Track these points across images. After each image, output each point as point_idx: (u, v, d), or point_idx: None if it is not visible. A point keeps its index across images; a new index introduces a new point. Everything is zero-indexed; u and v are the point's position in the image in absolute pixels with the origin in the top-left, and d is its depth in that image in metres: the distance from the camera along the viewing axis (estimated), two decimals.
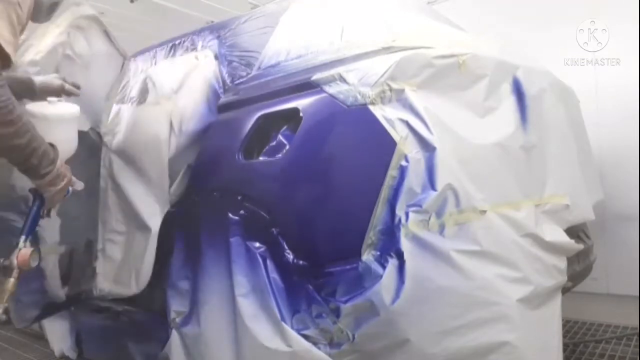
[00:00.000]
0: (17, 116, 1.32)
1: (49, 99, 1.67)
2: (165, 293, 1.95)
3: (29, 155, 1.39)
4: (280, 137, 1.67)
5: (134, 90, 2.40)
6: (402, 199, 1.45)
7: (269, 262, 1.61)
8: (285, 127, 1.68)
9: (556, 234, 1.68)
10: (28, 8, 1.47)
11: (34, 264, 1.48)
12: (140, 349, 2.21)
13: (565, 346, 2.35)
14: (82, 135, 2.13)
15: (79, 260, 2.22)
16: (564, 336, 2.34)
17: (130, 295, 2.11)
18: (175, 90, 2.14)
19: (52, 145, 1.50)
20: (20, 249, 1.48)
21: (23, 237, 1.51)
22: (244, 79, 1.99)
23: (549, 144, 1.78)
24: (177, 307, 1.91)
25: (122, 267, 2.19)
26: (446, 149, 1.47)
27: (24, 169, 1.44)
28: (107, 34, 2.29)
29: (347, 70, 1.58)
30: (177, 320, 1.90)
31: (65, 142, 1.63)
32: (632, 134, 2.83)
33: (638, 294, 2.66)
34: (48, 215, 1.62)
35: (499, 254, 1.48)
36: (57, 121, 1.63)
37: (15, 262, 1.45)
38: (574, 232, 1.89)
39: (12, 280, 1.45)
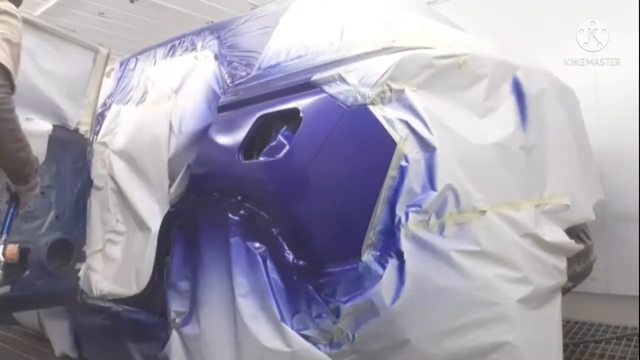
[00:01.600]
0: (23, 133, 1.50)
1: (27, 117, 1.79)
2: (165, 293, 1.95)
3: (24, 165, 1.55)
4: (280, 137, 1.67)
5: (133, 91, 2.41)
6: (402, 199, 1.45)
7: (269, 262, 1.61)
8: (285, 128, 1.68)
9: (556, 234, 1.68)
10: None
11: (17, 257, 1.66)
12: (140, 349, 2.21)
13: (565, 346, 2.35)
14: None
15: (39, 260, 2.12)
16: (564, 336, 2.34)
17: (130, 295, 2.11)
18: (175, 90, 2.14)
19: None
20: (7, 245, 1.63)
21: (5, 235, 1.66)
22: (244, 79, 1.99)
23: (549, 144, 1.78)
24: (177, 307, 1.91)
25: (122, 267, 2.19)
26: (446, 149, 1.47)
27: (16, 177, 1.59)
28: (35, 24, 2.02)
29: (347, 70, 1.58)
30: (177, 320, 1.90)
31: (39, 155, 1.81)
32: (632, 134, 2.83)
33: (638, 294, 2.66)
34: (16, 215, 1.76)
35: (499, 254, 1.48)
36: (36, 137, 1.77)
37: (1, 256, 1.60)
38: (574, 232, 1.89)
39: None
